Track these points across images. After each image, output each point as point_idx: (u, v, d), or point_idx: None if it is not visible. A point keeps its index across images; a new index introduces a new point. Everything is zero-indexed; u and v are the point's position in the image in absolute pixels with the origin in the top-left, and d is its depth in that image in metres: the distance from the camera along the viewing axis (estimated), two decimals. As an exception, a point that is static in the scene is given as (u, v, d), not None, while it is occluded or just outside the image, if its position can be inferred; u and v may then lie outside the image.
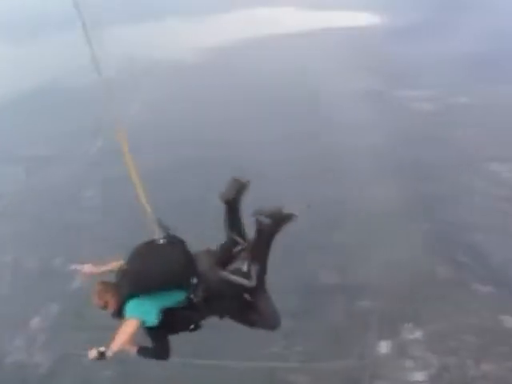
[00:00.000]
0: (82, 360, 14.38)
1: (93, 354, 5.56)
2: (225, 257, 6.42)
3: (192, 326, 6.33)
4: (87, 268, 6.53)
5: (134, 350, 6.15)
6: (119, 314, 5.98)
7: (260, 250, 6.17)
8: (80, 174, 23.67)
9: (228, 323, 6.55)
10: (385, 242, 17.41)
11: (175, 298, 6.06)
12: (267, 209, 5.99)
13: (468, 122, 23.90)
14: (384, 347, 14.26)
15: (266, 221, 5.94)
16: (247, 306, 6.43)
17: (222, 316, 6.49)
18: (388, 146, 22.54)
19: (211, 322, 6.43)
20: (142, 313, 5.85)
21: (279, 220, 5.98)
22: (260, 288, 6.32)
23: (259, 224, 6.00)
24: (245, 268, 6.21)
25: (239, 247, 6.50)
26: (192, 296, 6.06)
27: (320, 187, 19.49)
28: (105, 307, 6.02)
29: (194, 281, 6.04)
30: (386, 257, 16.84)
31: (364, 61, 31.64)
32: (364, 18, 39.77)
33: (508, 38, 32.37)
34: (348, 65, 31.25)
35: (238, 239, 6.53)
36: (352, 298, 15.66)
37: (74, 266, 6.54)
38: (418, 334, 14.48)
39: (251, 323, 6.57)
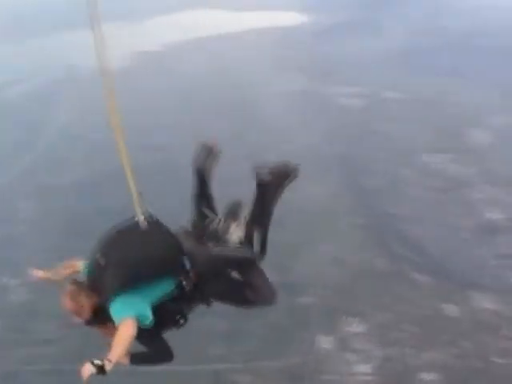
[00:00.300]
0: (24, 376, 13.73)
1: (88, 369, 4.59)
2: (199, 235, 5.80)
3: (182, 321, 5.59)
4: (39, 274, 5.80)
5: (126, 358, 5.26)
6: (96, 318, 5.20)
7: (263, 213, 5.63)
8: (12, 184, 22.49)
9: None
10: (322, 239, 17.50)
11: (165, 288, 5.31)
12: (270, 164, 5.46)
13: (400, 115, 24.37)
14: (326, 342, 14.26)
15: (269, 178, 5.46)
16: (240, 284, 5.83)
17: (211, 302, 5.79)
18: (322, 143, 22.64)
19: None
20: (137, 310, 5.00)
21: (284, 176, 5.52)
22: (256, 261, 5.75)
23: (261, 182, 5.50)
24: (233, 239, 5.64)
25: (212, 222, 5.91)
26: (184, 283, 5.35)
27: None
28: (79, 311, 5.14)
29: (188, 265, 5.32)
30: (324, 253, 16.98)
31: (294, 61, 31.58)
32: (291, 18, 39.62)
33: (436, 33, 33.27)
34: (278, 65, 31.10)
35: (209, 213, 6.02)
36: (291, 295, 15.56)
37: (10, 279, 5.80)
38: (359, 327, 14.55)
39: (247, 302, 6.03)
